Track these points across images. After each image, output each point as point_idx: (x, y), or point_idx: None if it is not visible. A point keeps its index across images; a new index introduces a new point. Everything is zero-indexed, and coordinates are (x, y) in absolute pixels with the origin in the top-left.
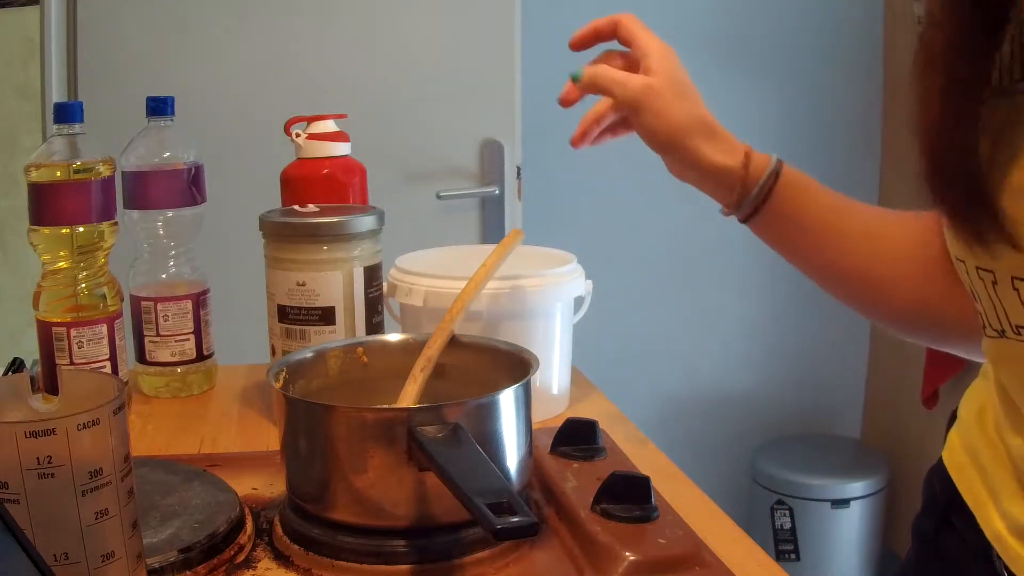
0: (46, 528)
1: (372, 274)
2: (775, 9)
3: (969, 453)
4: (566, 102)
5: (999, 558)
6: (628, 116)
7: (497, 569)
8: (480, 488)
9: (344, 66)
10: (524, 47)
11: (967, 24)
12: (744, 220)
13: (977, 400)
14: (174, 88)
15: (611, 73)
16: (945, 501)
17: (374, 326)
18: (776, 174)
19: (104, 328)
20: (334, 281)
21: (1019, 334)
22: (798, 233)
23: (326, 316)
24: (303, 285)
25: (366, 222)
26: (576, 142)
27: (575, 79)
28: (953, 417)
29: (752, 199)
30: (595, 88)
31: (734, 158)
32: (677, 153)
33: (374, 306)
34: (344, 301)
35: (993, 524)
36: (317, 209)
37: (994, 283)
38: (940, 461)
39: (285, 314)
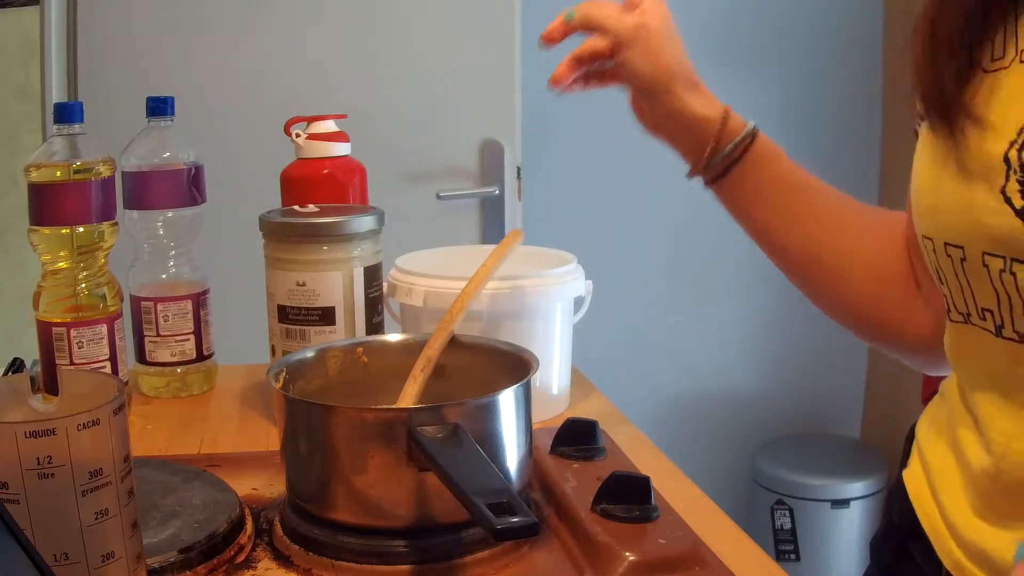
0: (46, 528)
1: (372, 274)
2: (775, 8)
3: (928, 480)
4: (549, 39)
5: None
6: (617, 55)
7: (497, 569)
8: (480, 488)
9: (344, 66)
10: (524, 47)
11: None
12: (712, 181)
13: (935, 423)
14: (174, 88)
15: (606, 9)
16: (904, 529)
17: (374, 326)
18: (752, 136)
19: (104, 328)
20: (334, 281)
21: (984, 319)
22: (765, 203)
23: (326, 316)
24: (303, 285)
25: (366, 222)
26: (555, 80)
27: (568, 19)
28: (912, 434)
29: (725, 155)
30: (588, 22)
31: (715, 110)
32: (661, 97)
33: (374, 306)
34: (344, 301)
35: (953, 555)
36: (317, 209)
37: (963, 260)
38: (900, 480)
39: (285, 314)
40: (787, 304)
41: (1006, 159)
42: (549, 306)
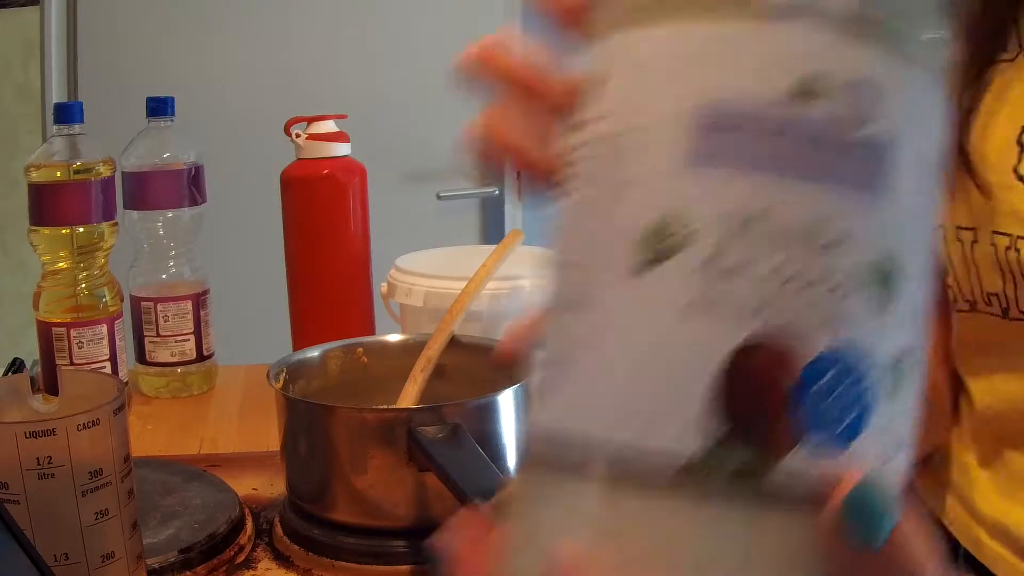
0: (46, 528)
1: None
2: None
3: (943, 483)
4: None
5: None
6: None
7: None
8: (480, 488)
9: (344, 66)
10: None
11: None
12: None
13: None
14: (174, 88)
15: None
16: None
17: None
18: None
19: (104, 328)
20: None
21: (990, 304)
22: None
23: None
24: None
25: None
26: None
27: None
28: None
29: None
30: None
31: None
32: None
33: None
34: None
35: (972, 532)
36: None
37: (974, 243)
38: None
39: None
40: None
41: (1018, 141)
42: None
